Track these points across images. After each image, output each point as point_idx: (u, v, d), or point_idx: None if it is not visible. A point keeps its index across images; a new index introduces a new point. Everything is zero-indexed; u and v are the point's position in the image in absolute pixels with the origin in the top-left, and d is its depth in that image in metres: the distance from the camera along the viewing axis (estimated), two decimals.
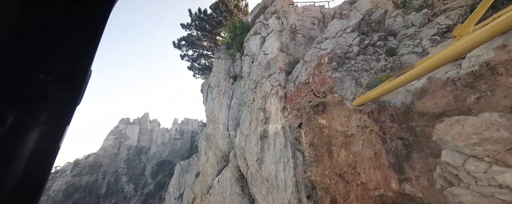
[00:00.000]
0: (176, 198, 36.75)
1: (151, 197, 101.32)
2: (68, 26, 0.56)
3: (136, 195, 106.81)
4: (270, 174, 5.46)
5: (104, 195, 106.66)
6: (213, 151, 9.58)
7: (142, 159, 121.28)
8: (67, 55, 0.60)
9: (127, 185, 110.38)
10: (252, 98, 6.94)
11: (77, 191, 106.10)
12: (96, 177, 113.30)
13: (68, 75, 0.63)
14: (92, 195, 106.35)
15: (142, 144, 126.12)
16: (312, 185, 3.95)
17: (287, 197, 4.68)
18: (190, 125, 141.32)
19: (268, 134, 6.00)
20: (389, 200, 2.77)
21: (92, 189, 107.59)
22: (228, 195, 7.27)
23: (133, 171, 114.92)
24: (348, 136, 3.39)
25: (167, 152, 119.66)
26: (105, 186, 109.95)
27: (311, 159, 4.02)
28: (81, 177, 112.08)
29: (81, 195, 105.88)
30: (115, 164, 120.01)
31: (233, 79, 9.50)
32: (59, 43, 0.57)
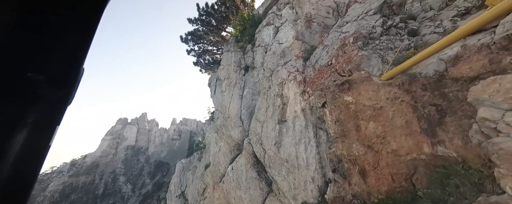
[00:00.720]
0: (177, 196, 36.80)
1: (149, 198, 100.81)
2: (60, 24, 0.54)
3: (134, 195, 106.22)
4: (290, 156, 5.63)
5: (101, 196, 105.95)
6: (225, 141, 9.71)
7: (140, 159, 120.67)
8: (59, 54, 0.58)
9: (125, 185, 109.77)
10: (268, 86, 7.11)
11: (74, 192, 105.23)
12: (93, 177, 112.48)
13: (59, 74, 0.60)
14: (89, 195, 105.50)
15: (140, 144, 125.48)
16: (338, 160, 4.12)
17: (310, 174, 4.86)
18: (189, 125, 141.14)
19: (286, 118, 6.17)
20: (422, 163, 2.96)
21: (89, 190, 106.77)
22: (244, 180, 7.42)
23: (131, 171, 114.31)
24: (376, 109, 3.57)
25: (166, 152, 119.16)
26: (103, 186, 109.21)
27: (337, 135, 4.20)
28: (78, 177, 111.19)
29: (78, 195, 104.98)
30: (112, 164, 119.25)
31: (244, 70, 9.67)
32: (50, 42, 0.55)
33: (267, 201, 6.25)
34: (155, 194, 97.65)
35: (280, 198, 5.83)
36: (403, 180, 3.08)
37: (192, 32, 15.21)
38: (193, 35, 15.23)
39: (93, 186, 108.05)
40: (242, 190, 7.46)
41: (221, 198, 8.72)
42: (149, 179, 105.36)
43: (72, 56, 0.60)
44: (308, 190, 4.85)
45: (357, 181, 3.64)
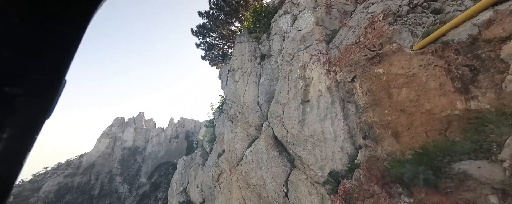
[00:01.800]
0: (179, 192, 36.91)
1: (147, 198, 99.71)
2: (43, 35, 0.51)
3: (131, 195, 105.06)
4: (315, 131, 5.99)
5: (97, 196, 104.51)
6: (241, 127, 10.04)
7: (137, 159, 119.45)
8: (40, 66, 0.55)
9: (121, 185, 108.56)
10: (289, 70, 7.47)
11: (69, 192, 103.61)
12: (89, 177, 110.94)
13: (39, 87, 0.57)
14: (85, 196, 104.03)
15: (137, 144, 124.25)
16: (368, 127, 4.49)
17: (338, 144, 5.22)
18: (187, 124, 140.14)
19: (309, 98, 6.54)
20: (456, 118, 3.34)
21: (85, 190, 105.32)
22: (265, 160, 7.75)
23: (128, 171, 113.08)
24: (409, 76, 3.95)
25: (163, 152, 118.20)
26: (99, 186, 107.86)
27: (367, 105, 4.57)
28: (74, 177, 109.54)
29: (73, 196, 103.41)
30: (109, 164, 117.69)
31: (260, 59, 10.02)
32: (32, 54, 0.52)
33: (291, 176, 6.59)
34: (152, 194, 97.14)
35: (305, 171, 6.18)
36: (437, 135, 3.46)
37: (203, 25, 15.53)
38: (204, 28, 15.54)
39: (89, 187, 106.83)
40: (263, 169, 7.79)
41: (240, 180, 9.03)
42: (146, 179, 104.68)
43: (54, 68, 0.57)
44: (336, 159, 5.21)
45: (390, 142, 4.01)
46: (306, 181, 6.02)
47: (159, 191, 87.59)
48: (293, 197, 6.31)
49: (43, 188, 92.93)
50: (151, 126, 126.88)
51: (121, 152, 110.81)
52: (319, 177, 5.67)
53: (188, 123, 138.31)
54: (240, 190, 8.81)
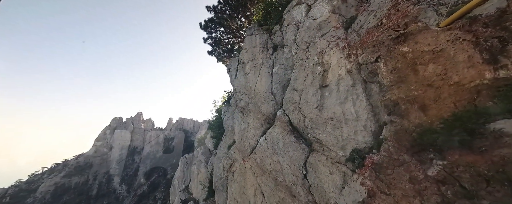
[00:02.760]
0: (181, 190, 36.85)
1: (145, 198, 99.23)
2: None
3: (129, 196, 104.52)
4: (335, 114, 6.18)
5: (95, 197, 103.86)
6: (254, 117, 10.21)
7: (136, 159, 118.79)
8: None
9: (119, 186, 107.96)
10: (305, 57, 7.66)
11: (66, 193, 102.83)
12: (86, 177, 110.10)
13: None
14: (83, 196, 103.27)
15: (135, 144, 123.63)
16: (393, 104, 4.68)
17: (361, 123, 5.41)
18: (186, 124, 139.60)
19: (327, 83, 6.73)
20: (484, 87, 3.54)
21: (82, 190, 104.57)
22: (281, 146, 7.92)
23: (126, 171, 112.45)
24: (436, 52, 4.15)
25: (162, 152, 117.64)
26: (96, 187, 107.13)
27: (392, 83, 4.76)
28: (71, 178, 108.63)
29: (70, 196, 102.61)
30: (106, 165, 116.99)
31: (272, 49, 10.20)
32: None
33: (310, 158, 6.76)
34: (151, 195, 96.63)
35: (325, 152, 6.37)
36: (466, 104, 3.66)
37: (211, 19, 15.68)
38: (212, 22, 15.69)
39: (86, 187, 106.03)
40: (279, 155, 7.96)
41: (254, 167, 9.19)
42: (144, 179, 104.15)
43: None
44: (359, 137, 5.40)
45: (417, 115, 4.21)
46: (327, 161, 6.20)
47: (158, 191, 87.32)
48: (313, 178, 6.49)
49: (40, 188, 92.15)
50: (149, 126, 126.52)
51: (119, 152, 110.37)
52: (340, 157, 5.86)
53: (187, 123, 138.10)
54: (255, 176, 8.97)
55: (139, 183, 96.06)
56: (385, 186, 3.98)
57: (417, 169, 3.70)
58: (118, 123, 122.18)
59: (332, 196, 5.77)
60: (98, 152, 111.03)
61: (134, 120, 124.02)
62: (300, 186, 6.88)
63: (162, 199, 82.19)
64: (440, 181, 3.33)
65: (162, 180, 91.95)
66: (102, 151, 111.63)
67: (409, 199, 3.62)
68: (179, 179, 38.61)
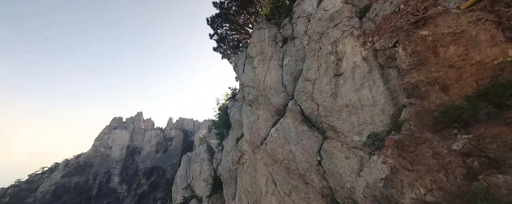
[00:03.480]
0: (184, 188, 36.91)
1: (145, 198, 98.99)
2: None
3: (130, 195, 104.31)
4: (351, 100, 6.28)
5: (95, 196, 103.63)
6: (264, 109, 10.31)
7: (136, 159, 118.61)
8: None
9: (119, 185, 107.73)
10: (318, 47, 7.77)
11: (67, 192, 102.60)
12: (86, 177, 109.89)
13: None
14: (83, 196, 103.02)
15: (135, 143, 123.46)
16: (412, 87, 4.79)
17: (378, 108, 5.52)
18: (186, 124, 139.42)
19: (341, 71, 6.83)
20: (508, 64, 3.64)
21: (82, 190, 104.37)
22: (293, 135, 8.02)
23: (126, 171, 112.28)
24: (457, 34, 4.25)
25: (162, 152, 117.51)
26: (97, 186, 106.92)
27: (411, 67, 4.87)
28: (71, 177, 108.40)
29: (71, 196, 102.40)
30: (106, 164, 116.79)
31: (282, 42, 10.31)
32: None
33: (324, 145, 6.86)
34: (151, 194, 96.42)
35: (340, 139, 6.47)
36: (489, 82, 3.76)
37: (219, 14, 15.79)
38: (219, 17, 15.80)
39: (86, 187, 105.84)
40: (291, 144, 8.06)
41: (265, 157, 9.28)
42: (145, 179, 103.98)
43: None
44: (377, 121, 5.50)
45: (438, 96, 4.31)
46: (342, 147, 6.30)
47: (158, 191, 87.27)
48: (328, 163, 6.58)
49: (40, 188, 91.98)
50: (149, 126, 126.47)
51: (119, 152, 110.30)
52: (356, 142, 5.96)
53: (187, 123, 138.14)
54: (266, 166, 9.06)
55: (139, 183, 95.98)
56: (408, 163, 4.08)
57: (441, 145, 3.80)
58: (118, 123, 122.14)
59: (348, 180, 5.87)
60: (98, 151, 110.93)
61: (134, 120, 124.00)
62: (314, 173, 6.97)
63: (162, 198, 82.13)
64: (465, 154, 3.43)
65: (162, 180, 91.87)
66: (102, 150, 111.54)
67: (433, 174, 3.72)
68: (181, 177, 38.60)
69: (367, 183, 4.73)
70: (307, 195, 7.08)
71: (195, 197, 29.95)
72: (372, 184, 4.55)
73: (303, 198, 7.15)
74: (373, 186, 4.51)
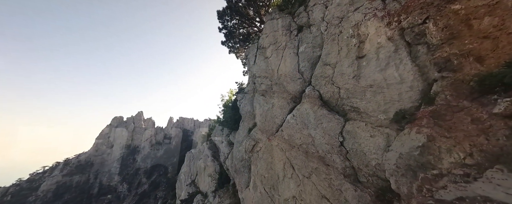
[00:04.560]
0: (188, 184, 36.99)
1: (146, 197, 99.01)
2: None
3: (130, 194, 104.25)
4: (375, 81, 6.34)
5: (96, 195, 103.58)
6: (279, 97, 10.37)
7: (136, 158, 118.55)
8: None
9: (120, 184, 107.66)
10: (339, 31, 7.83)
11: (68, 191, 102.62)
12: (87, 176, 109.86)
13: None
14: (84, 195, 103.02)
15: (136, 143, 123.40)
16: (444, 60, 4.84)
17: (407, 85, 5.57)
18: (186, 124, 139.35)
19: (364, 53, 6.88)
20: None
21: (83, 189, 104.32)
22: (312, 119, 8.07)
23: (127, 170, 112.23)
24: (491, 5, 4.31)
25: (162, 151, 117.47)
26: (98, 185, 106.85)
27: (443, 41, 4.92)
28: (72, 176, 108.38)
29: (72, 195, 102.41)
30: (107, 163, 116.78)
31: (297, 31, 10.38)
32: None
33: (347, 127, 6.91)
34: (152, 193, 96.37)
35: (364, 119, 6.52)
36: None
37: (229, 6, 15.85)
38: (230, 9, 15.86)
39: (87, 186, 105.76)
40: (310, 128, 8.11)
41: (281, 143, 9.33)
42: (145, 178, 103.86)
43: None
44: (404, 98, 5.56)
45: (473, 67, 4.37)
46: (366, 127, 6.36)
47: (159, 190, 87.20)
48: (351, 144, 6.63)
49: (42, 187, 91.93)
50: (150, 125, 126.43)
51: (119, 151, 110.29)
52: (382, 120, 6.01)
53: (187, 122, 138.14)
54: (283, 151, 9.10)
55: (140, 182, 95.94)
56: (444, 130, 4.13)
57: (479, 111, 3.85)
58: (118, 122, 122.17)
59: (374, 158, 5.92)
60: (99, 151, 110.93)
61: (135, 119, 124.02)
62: (335, 154, 7.02)
63: (163, 197, 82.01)
64: (507, 116, 3.49)
65: (163, 179, 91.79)
66: (103, 150, 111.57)
67: (472, 138, 3.77)
68: (185, 174, 38.62)
69: (400, 154, 4.78)
70: (328, 176, 7.12)
71: (200, 193, 29.98)
72: (406, 153, 4.60)
73: (324, 179, 7.19)
74: (408, 155, 4.56)
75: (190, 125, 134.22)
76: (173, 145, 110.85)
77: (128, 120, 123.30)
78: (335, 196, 6.69)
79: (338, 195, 6.63)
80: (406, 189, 4.61)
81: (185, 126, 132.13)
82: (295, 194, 8.10)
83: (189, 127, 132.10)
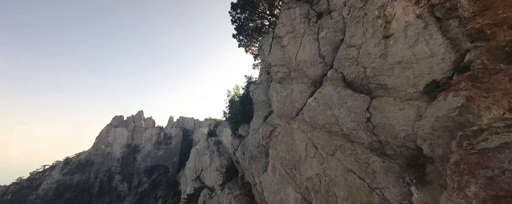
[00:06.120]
0: (193, 180, 37.12)
1: (147, 196, 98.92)
2: None
3: (131, 194, 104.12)
4: (404, 57, 6.61)
5: (96, 194, 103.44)
6: (298, 82, 10.66)
7: (136, 158, 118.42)
8: None
9: (121, 184, 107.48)
10: (363, 14, 8.11)
11: (68, 190, 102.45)
12: (88, 175, 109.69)
13: None
14: (84, 194, 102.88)
15: (136, 142, 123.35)
16: (477, 31, 5.11)
17: (438, 58, 5.84)
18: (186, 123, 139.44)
19: (391, 32, 7.16)
20: None
21: (84, 188, 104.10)
22: (336, 100, 8.33)
23: (127, 169, 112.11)
24: None
25: (163, 150, 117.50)
26: (98, 185, 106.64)
27: (475, 13, 5.19)
28: (72, 175, 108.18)
29: (72, 194, 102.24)
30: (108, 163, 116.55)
31: (316, 18, 10.67)
32: None
33: (373, 103, 7.18)
34: (152, 193, 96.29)
35: (392, 95, 6.79)
36: None
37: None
38: (245, 1, 16.14)
39: (88, 185, 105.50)
40: (334, 108, 8.36)
41: (302, 125, 9.58)
42: (146, 177, 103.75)
43: None
44: (436, 70, 5.82)
45: (507, 34, 4.63)
46: (395, 101, 6.62)
47: (159, 189, 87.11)
48: (378, 118, 6.89)
49: (42, 185, 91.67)
50: (150, 125, 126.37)
51: (120, 150, 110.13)
52: (412, 94, 6.28)
53: (187, 122, 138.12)
54: (305, 133, 9.35)
55: (140, 181, 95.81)
56: (482, 91, 4.39)
57: None
58: (119, 121, 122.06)
59: (403, 129, 6.18)
60: (99, 150, 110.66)
61: (135, 118, 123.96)
62: (361, 130, 7.27)
63: (163, 197, 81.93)
64: None
65: (163, 178, 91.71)
66: (103, 149, 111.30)
67: (510, 96, 4.03)
68: (191, 169, 38.83)
69: (436, 118, 5.03)
70: (353, 151, 7.37)
71: (206, 187, 30.14)
72: (444, 116, 4.85)
73: (349, 155, 7.44)
74: (445, 117, 4.81)
75: (190, 124, 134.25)
76: (173, 145, 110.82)
77: (128, 119, 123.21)
78: (362, 168, 6.93)
79: (365, 168, 6.87)
80: (441, 150, 4.86)
81: (185, 125, 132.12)
82: (318, 172, 8.34)
83: (189, 126, 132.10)
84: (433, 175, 5.10)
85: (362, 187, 6.74)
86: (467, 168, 3.72)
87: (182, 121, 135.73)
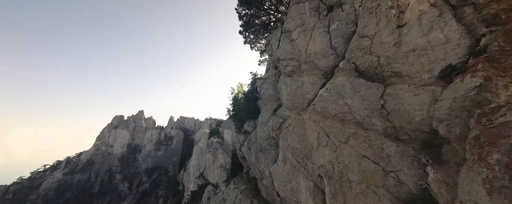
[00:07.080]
0: (196, 177, 37.24)
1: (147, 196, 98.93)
2: None
3: (131, 193, 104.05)
4: (418, 45, 6.80)
5: (97, 194, 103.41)
6: (309, 74, 10.85)
7: (137, 157, 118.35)
8: None
9: (121, 183, 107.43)
10: (377, 4, 8.31)
11: (69, 190, 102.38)
12: (89, 175, 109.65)
13: None
14: (85, 193, 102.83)
15: (137, 142, 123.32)
16: (492, 16, 5.30)
17: (453, 43, 6.02)
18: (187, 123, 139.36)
19: (404, 22, 7.35)
20: None
21: (84, 188, 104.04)
22: (349, 89, 8.52)
23: (128, 169, 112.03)
24: None
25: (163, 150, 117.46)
26: (99, 184, 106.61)
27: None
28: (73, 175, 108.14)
29: (73, 193, 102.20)
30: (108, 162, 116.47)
31: (327, 11, 10.88)
32: None
33: (387, 90, 7.37)
34: (153, 192, 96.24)
35: (406, 81, 6.98)
36: None
37: None
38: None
39: (88, 184, 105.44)
40: (347, 98, 8.55)
41: (314, 116, 9.78)
42: (146, 177, 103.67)
43: None
44: (451, 56, 6.02)
45: None
46: (409, 88, 6.82)
47: (160, 188, 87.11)
48: (393, 105, 7.09)
49: (43, 185, 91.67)
50: (150, 124, 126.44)
51: (120, 150, 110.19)
52: (426, 80, 6.47)
53: (187, 122, 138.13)
54: (317, 123, 9.54)
55: (141, 181, 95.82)
56: (500, 71, 4.58)
57: None
58: (119, 121, 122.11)
59: (418, 114, 6.38)
60: (99, 150, 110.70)
61: (136, 118, 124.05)
62: (375, 117, 7.46)
63: (164, 196, 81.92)
64: None
65: (164, 178, 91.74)
66: (104, 149, 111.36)
67: None
68: (194, 167, 38.99)
69: (454, 98, 5.22)
70: (367, 138, 7.56)
71: (210, 184, 30.27)
72: (462, 96, 5.04)
73: (363, 141, 7.62)
74: (463, 97, 5.00)
75: (191, 124, 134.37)
76: (173, 145, 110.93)
77: (129, 119, 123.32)
78: (376, 153, 7.11)
79: (379, 153, 7.06)
80: (458, 129, 5.05)
81: (186, 125, 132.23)
82: (331, 159, 8.51)
83: (190, 126, 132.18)
84: (449, 155, 5.28)
85: (377, 171, 6.93)
86: (488, 140, 3.91)
87: (183, 121, 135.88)
